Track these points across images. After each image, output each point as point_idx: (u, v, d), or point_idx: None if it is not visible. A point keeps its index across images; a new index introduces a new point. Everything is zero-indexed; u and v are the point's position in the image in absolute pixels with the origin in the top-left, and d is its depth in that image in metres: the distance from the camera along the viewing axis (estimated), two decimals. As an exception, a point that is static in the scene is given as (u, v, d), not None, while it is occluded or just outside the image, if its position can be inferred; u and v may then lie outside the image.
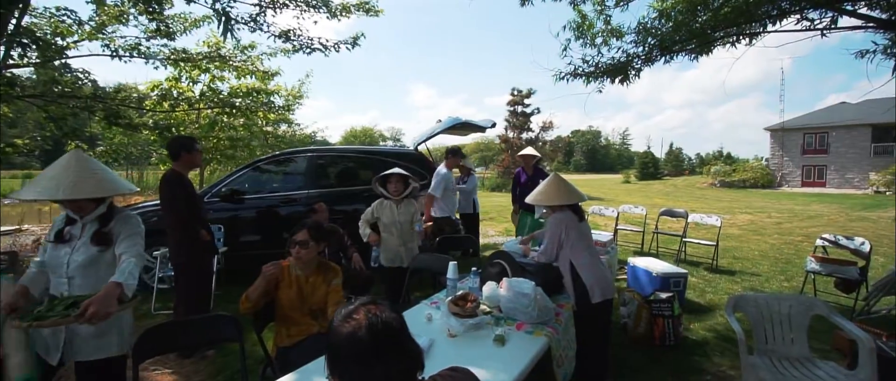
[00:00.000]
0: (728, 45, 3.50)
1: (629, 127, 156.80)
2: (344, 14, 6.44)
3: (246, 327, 2.00)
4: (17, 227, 8.37)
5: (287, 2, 5.88)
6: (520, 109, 24.62)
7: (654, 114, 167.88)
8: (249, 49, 7.69)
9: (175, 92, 7.47)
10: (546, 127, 24.14)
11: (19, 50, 4.18)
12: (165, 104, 7.10)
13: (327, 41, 6.28)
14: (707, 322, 3.82)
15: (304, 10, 6.08)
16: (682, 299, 4.03)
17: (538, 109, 24.61)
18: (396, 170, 3.31)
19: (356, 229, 3.47)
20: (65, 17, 5.35)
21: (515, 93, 24.64)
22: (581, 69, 4.14)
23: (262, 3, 5.79)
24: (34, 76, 5.80)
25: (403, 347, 0.91)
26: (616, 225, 6.70)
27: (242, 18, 5.83)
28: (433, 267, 2.94)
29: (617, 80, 3.96)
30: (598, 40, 4.64)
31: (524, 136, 24.27)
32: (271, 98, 9.10)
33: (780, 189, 24.79)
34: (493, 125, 5.53)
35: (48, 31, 5.38)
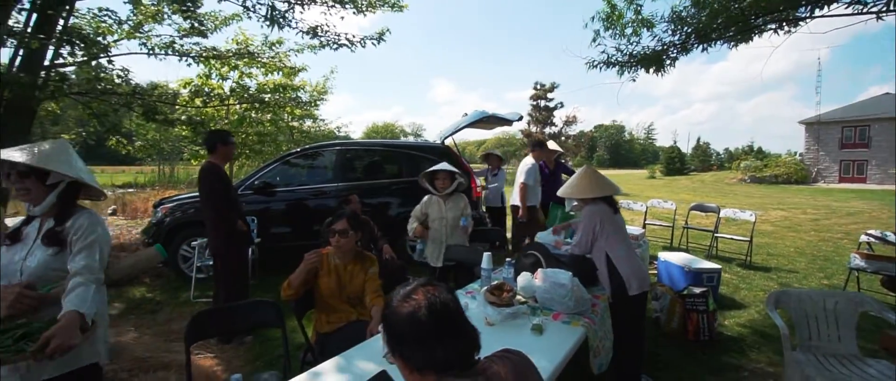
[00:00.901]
0: (769, 33, 3.36)
1: (654, 121, 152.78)
2: (369, 9, 6.49)
3: (286, 313, 2.07)
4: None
5: (314, -2, 5.96)
6: (542, 103, 24.33)
7: (680, 108, 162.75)
8: (277, 45, 7.83)
9: (206, 89, 7.70)
10: (569, 121, 23.79)
11: (69, 48, 4.37)
12: (197, 101, 7.33)
13: (354, 37, 6.35)
14: (742, 318, 3.72)
15: (332, 6, 6.15)
16: (716, 295, 3.93)
17: (561, 103, 24.28)
18: (444, 166, 3.31)
19: (384, 221, 3.48)
20: (106, 17, 5.58)
21: (538, 87, 24.36)
22: (614, 58, 4.06)
23: (291, 0, 5.89)
24: (73, 76, 6.08)
25: (461, 327, 0.93)
26: (644, 220, 6.57)
27: (269, 15, 5.95)
28: (467, 259, 2.96)
29: (651, 69, 3.87)
30: (628, 30, 4.54)
31: (547, 130, 23.98)
32: (298, 93, 9.28)
33: (816, 185, 23.76)
34: (520, 118, 5.50)
35: (90, 31, 5.63)
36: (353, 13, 6.41)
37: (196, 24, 6.15)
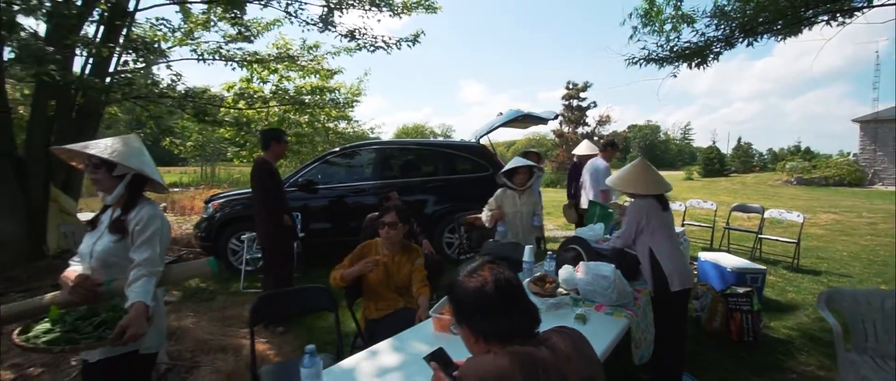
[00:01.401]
0: (821, 25, 3.23)
1: (691, 121, 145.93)
2: (405, 12, 6.65)
3: (338, 299, 2.21)
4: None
5: (353, 2, 6.19)
6: (575, 102, 23.98)
7: (719, 107, 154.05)
8: (314, 48, 8.11)
9: (249, 92, 8.08)
10: (603, 121, 23.33)
11: (134, 54, 4.74)
12: (242, 103, 7.72)
13: (389, 39, 6.52)
14: (789, 321, 3.60)
15: (369, 9, 6.36)
16: (761, 297, 3.82)
17: (594, 102, 23.84)
18: (523, 161, 3.37)
19: (421, 218, 3.55)
20: (162, 26, 5.99)
21: (571, 86, 24.03)
22: (655, 54, 4.01)
23: (331, 4, 6.13)
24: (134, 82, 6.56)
25: (524, 302, 1.01)
26: (683, 220, 6.41)
27: (312, 19, 6.22)
28: (508, 254, 3.01)
29: (694, 64, 3.80)
30: (667, 27, 4.48)
31: (580, 130, 23.62)
32: (334, 95, 9.58)
33: (872, 187, 22.23)
34: (556, 117, 5.50)
35: (147, 39, 6.05)
36: (390, 16, 6.60)
37: (242, 30, 6.50)
